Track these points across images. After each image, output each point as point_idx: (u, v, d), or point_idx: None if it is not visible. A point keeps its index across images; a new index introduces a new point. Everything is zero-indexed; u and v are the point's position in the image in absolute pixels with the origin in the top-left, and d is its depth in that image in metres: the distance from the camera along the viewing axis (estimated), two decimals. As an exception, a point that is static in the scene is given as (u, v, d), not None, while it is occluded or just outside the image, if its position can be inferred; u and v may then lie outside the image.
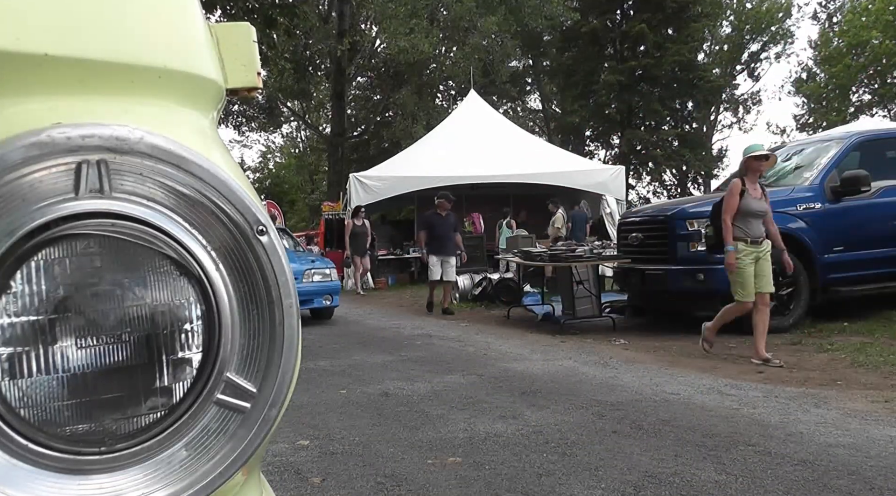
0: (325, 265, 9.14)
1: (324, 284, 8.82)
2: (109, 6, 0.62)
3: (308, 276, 8.73)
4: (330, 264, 9.26)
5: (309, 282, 8.68)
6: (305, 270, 8.69)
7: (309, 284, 8.66)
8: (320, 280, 8.83)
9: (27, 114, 0.55)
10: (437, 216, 9.60)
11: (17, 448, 0.53)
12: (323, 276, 8.83)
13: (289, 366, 0.61)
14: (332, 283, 8.93)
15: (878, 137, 7.44)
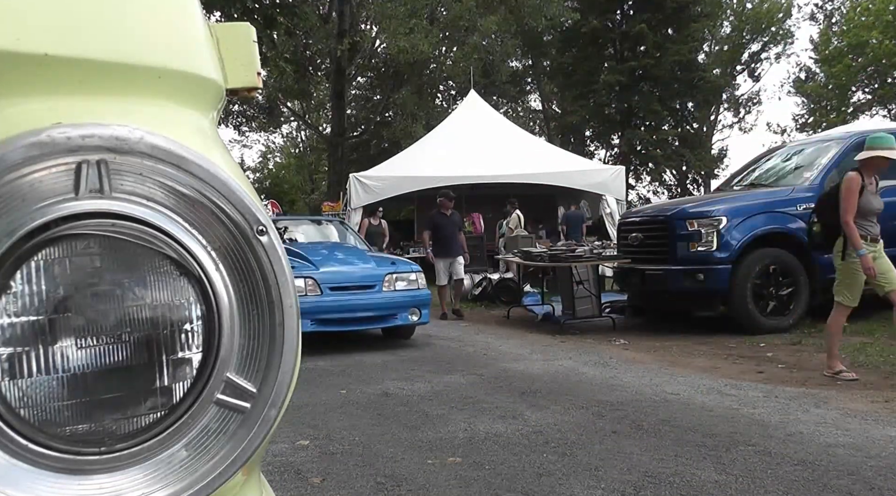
0: (410, 268, 7.01)
1: (410, 293, 6.80)
2: (109, 6, 0.62)
3: (388, 283, 6.67)
4: (415, 267, 7.09)
5: (390, 291, 6.67)
6: (386, 275, 6.70)
7: (390, 293, 6.68)
8: (405, 288, 6.77)
9: (27, 114, 0.55)
10: (441, 215, 9.18)
11: (17, 448, 0.53)
12: (408, 283, 6.79)
13: (289, 366, 0.61)
14: (421, 293, 6.87)
15: (878, 137, 7.43)
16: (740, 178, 8.17)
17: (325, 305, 6.28)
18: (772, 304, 6.56)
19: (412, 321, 6.84)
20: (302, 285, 6.09)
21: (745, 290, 6.47)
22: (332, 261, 7.01)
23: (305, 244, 8.00)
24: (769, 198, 6.91)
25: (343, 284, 6.50)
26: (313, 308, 6.18)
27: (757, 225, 6.62)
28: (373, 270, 6.79)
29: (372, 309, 6.56)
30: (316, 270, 6.48)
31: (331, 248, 7.89)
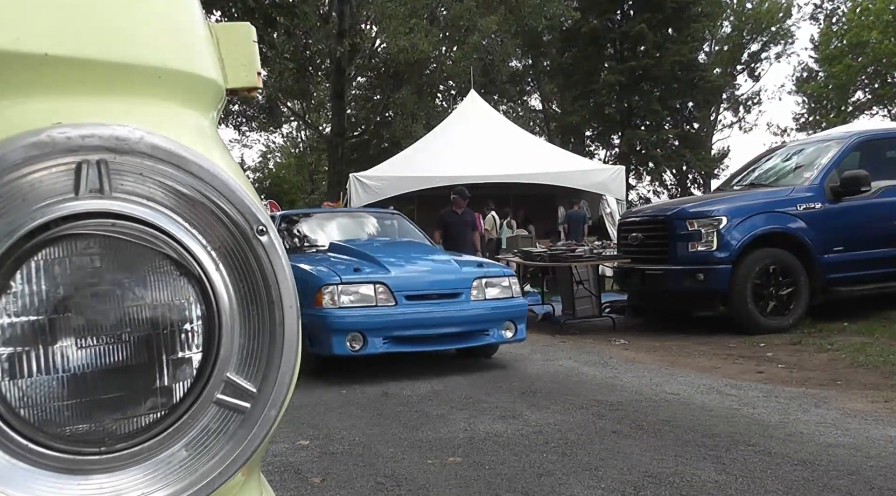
0: (502, 271, 5.60)
1: (504, 303, 5.31)
2: (109, 6, 0.62)
3: (477, 290, 5.24)
4: (507, 270, 5.79)
5: (479, 300, 5.20)
6: (474, 280, 5.25)
7: (479, 303, 5.19)
8: (498, 296, 5.31)
9: (27, 114, 0.55)
10: (452, 213, 8.59)
11: (17, 448, 0.53)
12: (501, 290, 5.34)
13: (289, 366, 0.61)
14: (516, 302, 5.42)
15: (878, 137, 7.44)
16: (740, 178, 8.17)
17: (401, 319, 4.95)
18: (772, 304, 6.56)
19: (506, 338, 5.31)
20: (371, 293, 4.97)
21: (745, 290, 6.47)
22: (406, 262, 5.64)
23: (367, 242, 6.47)
24: (769, 198, 6.91)
25: (422, 292, 5.13)
26: (386, 322, 4.92)
27: (757, 225, 6.62)
28: (458, 274, 5.33)
29: (457, 323, 5.14)
30: (388, 274, 5.10)
31: (399, 246, 6.35)
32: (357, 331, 4.86)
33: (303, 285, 4.79)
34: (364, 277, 5.04)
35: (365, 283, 4.99)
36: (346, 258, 5.54)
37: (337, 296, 4.91)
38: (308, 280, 5.03)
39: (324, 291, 4.91)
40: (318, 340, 4.96)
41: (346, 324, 4.84)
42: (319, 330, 4.90)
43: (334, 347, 4.83)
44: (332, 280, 4.95)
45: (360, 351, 4.86)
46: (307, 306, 4.77)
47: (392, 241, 6.74)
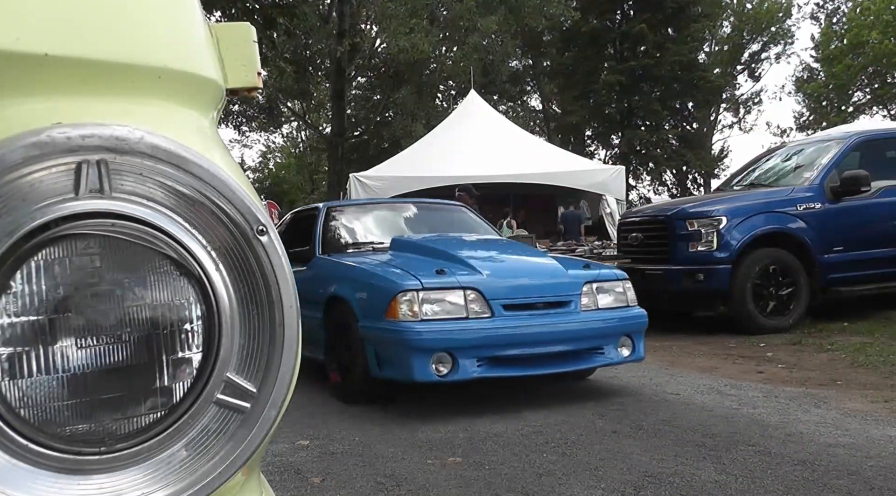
0: (614, 274, 4.48)
1: (620, 314, 4.27)
2: (109, 6, 0.62)
3: (588, 297, 4.19)
4: (619, 272, 4.56)
5: (591, 310, 4.16)
6: (584, 284, 4.21)
7: (592, 314, 4.15)
8: (612, 304, 4.27)
9: (27, 114, 0.55)
10: None
11: (17, 448, 0.53)
12: (615, 297, 4.30)
13: (289, 366, 0.61)
14: (634, 313, 4.33)
15: (878, 137, 7.44)
16: (740, 178, 8.17)
17: (500, 334, 3.85)
18: (772, 304, 6.56)
19: (623, 358, 4.22)
20: (460, 301, 3.87)
21: (745, 290, 6.47)
22: (497, 262, 4.58)
23: (438, 237, 5.22)
24: (769, 198, 6.91)
25: (524, 299, 4.04)
26: (482, 339, 3.81)
27: (757, 225, 6.62)
28: (564, 276, 4.25)
29: (567, 339, 4.03)
30: (479, 277, 4.03)
31: (479, 243, 5.26)
32: (445, 351, 3.76)
33: (367, 292, 4.16)
34: (451, 281, 3.93)
35: (452, 289, 3.90)
36: (421, 257, 4.49)
37: (418, 306, 3.79)
38: (376, 285, 4.08)
39: (400, 300, 3.80)
40: (392, 362, 3.93)
41: (431, 342, 3.74)
42: (394, 349, 3.88)
43: (415, 372, 3.73)
44: (410, 285, 3.85)
45: (447, 376, 3.76)
46: (374, 318, 3.98)
47: (468, 237, 5.43)
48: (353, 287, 4.32)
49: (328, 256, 5.02)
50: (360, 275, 4.38)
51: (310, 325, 4.65)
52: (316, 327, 4.68)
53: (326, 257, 5.02)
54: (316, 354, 4.77)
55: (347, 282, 4.44)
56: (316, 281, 4.80)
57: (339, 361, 4.49)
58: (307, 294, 4.67)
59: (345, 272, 4.61)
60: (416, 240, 5.03)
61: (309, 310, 4.55)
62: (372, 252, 4.97)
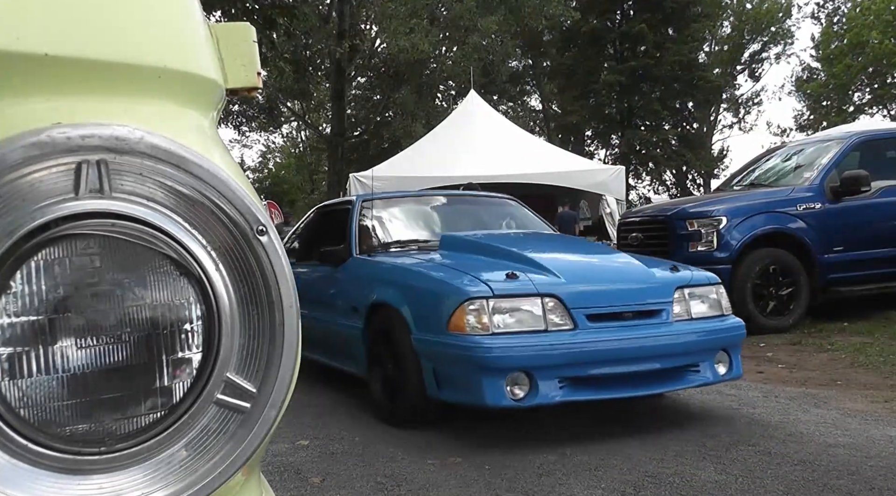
0: (706, 278, 3.82)
1: (714, 325, 3.64)
2: (109, 6, 0.62)
3: (681, 305, 3.58)
4: (711, 276, 3.88)
5: (685, 319, 3.56)
6: (676, 289, 3.60)
7: (685, 325, 3.53)
8: (706, 313, 3.66)
9: (27, 114, 0.55)
10: None
11: (17, 448, 0.53)
12: (709, 305, 3.70)
13: (289, 366, 0.61)
14: (730, 323, 3.71)
15: (878, 137, 7.44)
16: (740, 178, 8.17)
17: (587, 350, 3.27)
18: (772, 304, 6.56)
19: (720, 376, 3.60)
20: (537, 311, 3.28)
21: (745, 290, 6.47)
22: (575, 264, 3.96)
23: (497, 235, 4.69)
24: (769, 198, 6.90)
25: (610, 308, 3.45)
26: (566, 356, 3.23)
27: (757, 225, 6.62)
28: (652, 280, 3.65)
29: (659, 356, 3.41)
30: (556, 281, 3.43)
31: (545, 240, 4.70)
32: (521, 371, 3.17)
33: (424, 299, 3.53)
34: (526, 287, 3.33)
35: (528, 296, 3.29)
36: (481, 258, 3.88)
37: (488, 316, 3.20)
38: (435, 291, 3.48)
39: (467, 309, 3.21)
40: (456, 382, 3.33)
41: (506, 360, 3.15)
42: (459, 367, 3.28)
43: (487, 395, 3.13)
44: (478, 291, 3.26)
45: (524, 400, 3.17)
46: (433, 330, 3.36)
47: (529, 234, 4.83)
48: (405, 293, 3.68)
49: (368, 257, 4.35)
50: (414, 280, 3.75)
51: (344, 336, 4.28)
52: (353, 338, 4.14)
53: (366, 258, 4.35)
54: (351, 368, 4.35)
55: (397, 288, 3.79)
56: (353, 285, 4.28)
57: (385, 378, 3.84)
58: (341, 300, 4.38)
59: (393, 275, 3.97)
60: (472, 237, 4.39)
61: (344, 317, 4.27)
62: (418, 251, 4.36)
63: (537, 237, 4.81)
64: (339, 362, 4.53)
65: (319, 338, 4.62)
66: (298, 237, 5.84)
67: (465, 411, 3.64)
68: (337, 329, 4.37)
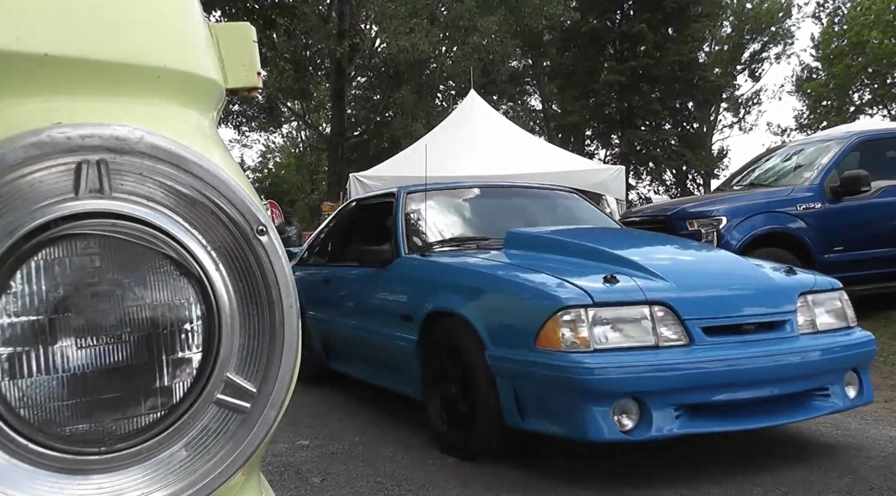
0: (830, 283, 3.25)
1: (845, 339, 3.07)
2: (109, 6, 0.62)
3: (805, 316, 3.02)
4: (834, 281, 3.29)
5: (810, 332, 2.99)
6: (800, 296, 3.02)
7: (812, 341, 2.96)
8: (833, 325, 3.10)
9: (27, 114, 0.55)
10: None
11: (17, 448, 0.53)
12: (835, 315, 3.14)
13: (289, 366, 0.61)
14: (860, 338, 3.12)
15: (878, 137, 7.44)
16: (740, 178, 8.17)
17: (707, 372, 2.73)
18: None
19: (850, 401, 3.06)
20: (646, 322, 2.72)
21: (745, 290, 6.46)
22: (680, 265, 3.39)
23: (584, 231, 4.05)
24: (769, 198, 6.90)
25: (729, 319, 2.87)
26: (683, 378, 2.69)
27: (757, 225, 6.61)
28: (772, 285, 3.09)
29: (787, 377, 2.85)
30: (664, 285, 2.87)
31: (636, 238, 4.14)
32: (630, 397, 2.61)
33: (504, 307, 2.99)
34: (631, 293, 2.75)
35: (634, 305, 2.72)
36: (566, 259, 3.26)
37: (588, 329, 2.62)
38: (517, 299, 2.94)
39: (561, 320, 2.64)
40: (547, 409, 2.76)
41: (612, 383, 2.58)
42: (551, 391, 2.71)
43: (589, 426, 2.58)
44: (575, 299, 2.68)
45: (634, 433, 2.62)
46: (516, 346, 2.79)
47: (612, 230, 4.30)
48: (476, 300, 3.07)
49: (421, 256, 3.66)
50: (488, 284, 3.10)
51: (392, 349, 3.67)
52: (403, 352, 3.51)
53: (419, 257, 3.65)
54: (399, 386, 3.74)
55: (464, 293, 3.15)
56: (403, 289, 3.66)
57: (447, 402, 3.23)
58: (387, 306, 3.74)
59: (459, 278, 3.32)
60: (547, 233, 3.74)
61: (391, 327, 3.63)
62: (477, 250, 3.71)
63: (622, 233, 4.20)
64: (383, 379, 3.97)
65: (359, 350, 4.21)
66: (328, 236, 5.22)
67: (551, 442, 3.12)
68: (381, 340, 3.78)
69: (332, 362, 4.69)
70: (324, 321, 4.63)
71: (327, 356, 4.73)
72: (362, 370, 4.26)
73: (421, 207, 4.07)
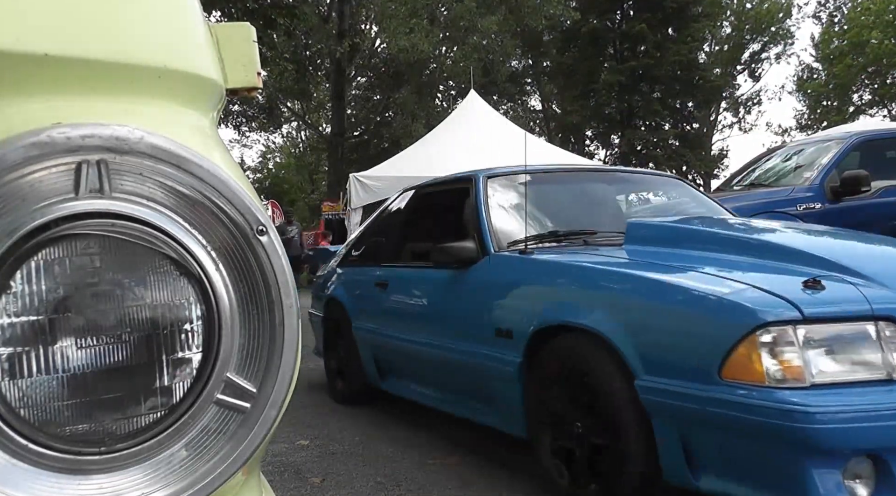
0: None
1: None
2: (109, 6, 0.62)
3: None
4: None
5: None
6: None
7: None
8: None
9: (27, 114, 0.55)
10: None
11: (17, 448, 0.53)
12: None
13: (289, 366, 0.61)
14: None
15: (878, 137, 7.45)
16: (740, 178, 8.17)
17: None
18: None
19: None
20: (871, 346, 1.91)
21: (745, 290, 6.45)
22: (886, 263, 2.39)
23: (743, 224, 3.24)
24: (769, 198, 6.90)
25: None
26: None
27: (757, 225, 6.62)
28: None
29: None
30: (891, 294, 2.02)
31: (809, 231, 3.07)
32: (865, 455, 1.87)
33: (662, 322, 2.19)
34: (849, 303, 1.99)
35: (855, 320, 1.96)
36: (730, 257, 2.47)
37: (800, 355, 1.89)
38: (686, 309, 2.13)
39: (761, 341, 1.90)
40: (742, 468, 1.99)
41: (843, 437, 1.83)
42: (750, 444, 1.95)
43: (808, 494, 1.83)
44: (778, 312, 1.92)
45: None
46: (685, 376, 2.04)
47: (755, 221, 3.57)
48: (619, 311, 2.28)
49: (520, 254, 2.84)
50: (642, 290, 2.30)
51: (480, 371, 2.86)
52: (497, 376, 2.75)
53: (517, 255, 2.86)
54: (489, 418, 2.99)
55: (598, 302, 2.37)
56: (496, 296, 2.85)
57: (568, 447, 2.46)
58: (471, 316, 2.93)
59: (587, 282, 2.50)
60: (695, 225, 2.97)
61: (478, 343, 2.84)
62: (585, 246, 3.02)
63: (776, 225, 3.26)
64: (465, 409, 3.19)
65: (429, 371, 3.42)
66: (380, 231, 4.47)
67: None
68: (465, 360, 2.96)
69: (387, 382, 3.88)
70: (376, 332, 3.81)
71: (380, 374, 3.91)
72: (432, 395, 3.45)
73: (507, 195, 3.36)
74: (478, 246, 3.06)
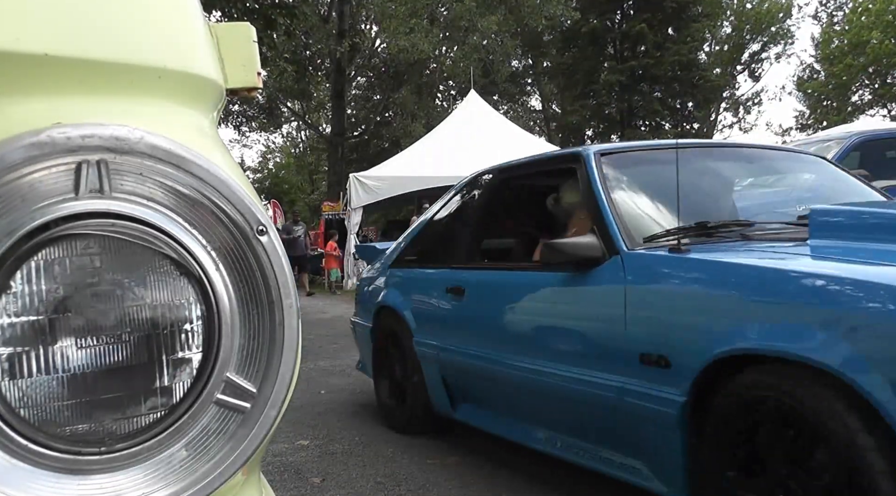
0: None
1: None
2: (109, 6, 0.62)
3: None
4: None
5: None
6: None
7: None
8: None
9: (27, 114, 0.55)
10: None
11: (17, 448, 0.53)
12: None
13: (289, 366, 0.61)
14: None
15: (878, 137, 7.44)
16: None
17: None
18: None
19: None
20: None
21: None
22: None
23: None
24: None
25: None
26: None
27: (757, 225, 6.61)
28: None
29: None
30: None
31: None
32: None
33: None
34: None
35: None
36: None
37: None
38: None
39: None
40: None
41: None
42: None
43: None
44: None
45: None
46: None
47: None
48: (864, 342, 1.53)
49: (671, 253, 2.10)
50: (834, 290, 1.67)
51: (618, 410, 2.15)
52: (649, 418, 2.02)
53: (664, 254, 2.14)
54: (629, 474, 2.18)
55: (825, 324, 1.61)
56: (640, 310, 2.12)
57: None
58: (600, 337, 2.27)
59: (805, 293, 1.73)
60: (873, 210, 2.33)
61: (611, 373, 2.16)
62: (745, 240, 2.29)
63: None
64: (591, 458, 2.41)
65: (531, 404, 2.72)
66: (447, 224, 3.67)
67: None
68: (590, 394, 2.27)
69: (461, 412, 3.20)
70: (448, 350, 3.09)
71: (451, 401, 3.22)
72: (535, 435, 2.73)
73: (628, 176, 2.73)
74: (604, 242, 2.32)
